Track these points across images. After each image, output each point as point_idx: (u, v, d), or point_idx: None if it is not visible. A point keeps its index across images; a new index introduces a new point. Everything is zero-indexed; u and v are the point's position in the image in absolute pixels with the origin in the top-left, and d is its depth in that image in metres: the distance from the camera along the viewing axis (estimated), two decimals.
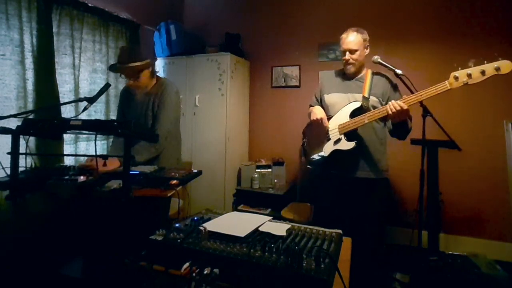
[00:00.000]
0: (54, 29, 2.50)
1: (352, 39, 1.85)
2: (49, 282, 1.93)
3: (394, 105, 1.61)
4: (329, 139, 1.88)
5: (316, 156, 1.93)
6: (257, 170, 3.36)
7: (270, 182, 3.35)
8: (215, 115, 3.34)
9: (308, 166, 2.06)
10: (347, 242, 1.10)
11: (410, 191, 2.68)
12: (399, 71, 1.80)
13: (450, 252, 1.94)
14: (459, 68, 1.49)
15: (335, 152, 1.84)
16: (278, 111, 3.61)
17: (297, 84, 3.49)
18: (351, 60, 1.87)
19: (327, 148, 1.88)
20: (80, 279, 1.82)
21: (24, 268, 1.98)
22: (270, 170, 3.36)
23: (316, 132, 1.92)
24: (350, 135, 1.81)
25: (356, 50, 1.85)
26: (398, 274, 2.38)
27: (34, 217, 2.13)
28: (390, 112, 1.62)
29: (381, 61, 1.84)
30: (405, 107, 1.59)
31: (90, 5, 2.76)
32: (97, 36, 2.89)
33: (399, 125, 1.74)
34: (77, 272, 1.86)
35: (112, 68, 1.97)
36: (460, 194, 2.79)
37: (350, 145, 1.78)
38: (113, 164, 1.64)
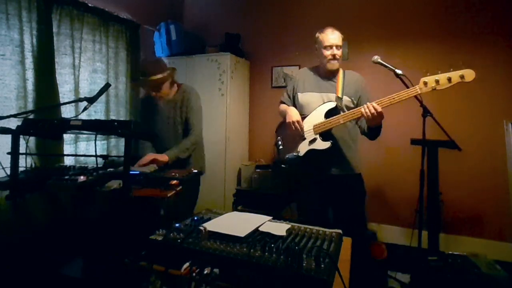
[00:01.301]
0: (54, 29, 2.50)
1: (337, 35, 1.89)
2: (49, 282, 1.93)
3: (369, 107, 1.62)
4: (304, 139, 1.88)
5: (291, 156, 1.92)
6: (257, 170, 3.36)
7: (270, 182, 3.34)
8: (215, 115, 3.34)
9: (282, 166, 2.02)
10: (347, 242, 1.10)
11: (410, 191, 2.67)
12: (399, 71, 1.79)
13: (450, 252, 1.94)
14: (428, 74, 1.57)
15: (310, 152, 1.85)
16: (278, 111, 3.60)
17: None
18: (337, 56, 1.88)
19: (302, 148, 1.88)
20: (80, 279, 1.82)
21: (24, 268, 1.98)
22: (270, 170, 3.36)
23: (290, 132, 1.91)
24: (325, 134, 1.82)
25: (341, 46, 1.89)
26: (398, 274, 2.39)
27: (34, 217, 2.13)
28: (365, 114, 1.64)
29: (381, 61, 1.84)
30: (379, 109, 1.61)
31: (90, 5, 2.76)
32: (97, 36, 2.89)
33: (374, 129, 1.77)
34: (77, 272, 1.86)
35: (135, 81, 2.03)
36: (460, 194, 2.78)
37: (326, 144, 1.79)
38: (164, 157, 1.86)
